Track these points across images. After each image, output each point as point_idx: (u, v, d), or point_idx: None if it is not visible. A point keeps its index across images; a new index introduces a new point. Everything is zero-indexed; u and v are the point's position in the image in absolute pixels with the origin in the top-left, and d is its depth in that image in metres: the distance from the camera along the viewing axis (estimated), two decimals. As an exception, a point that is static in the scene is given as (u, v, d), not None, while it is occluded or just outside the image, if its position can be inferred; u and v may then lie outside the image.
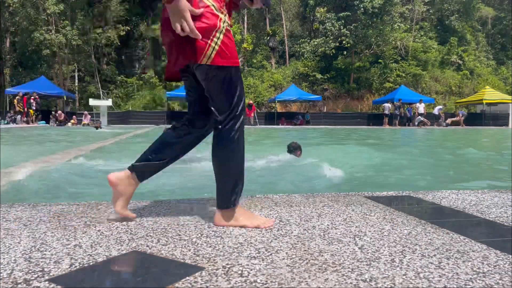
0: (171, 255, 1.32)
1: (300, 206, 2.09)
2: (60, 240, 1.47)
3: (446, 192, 2.56)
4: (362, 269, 1.21)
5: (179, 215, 1.88)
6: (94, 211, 1.93)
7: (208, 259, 1.28)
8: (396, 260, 1.30)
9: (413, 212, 2.02)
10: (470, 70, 33.36)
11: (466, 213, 2.01)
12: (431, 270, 1.22)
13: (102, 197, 2.54)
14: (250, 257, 1.30)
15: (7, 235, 1.53)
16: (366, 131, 18.03)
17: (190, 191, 3.55)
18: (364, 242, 1.48)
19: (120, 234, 1.56)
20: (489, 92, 25.59)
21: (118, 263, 1.26)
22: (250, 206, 2.09)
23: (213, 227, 1.68)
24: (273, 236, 1.55)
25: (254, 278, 1.13)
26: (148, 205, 2.08)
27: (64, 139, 10.52)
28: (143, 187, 3.37)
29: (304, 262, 1.27)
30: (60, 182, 3.79)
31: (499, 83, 32.54)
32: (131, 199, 1.78)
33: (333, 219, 1.84)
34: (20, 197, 3.03)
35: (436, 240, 1.53)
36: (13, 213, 1.89)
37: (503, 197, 2.42)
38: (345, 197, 2.36)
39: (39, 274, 1.14)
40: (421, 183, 4.29)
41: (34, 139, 10.60)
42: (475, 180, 4.57)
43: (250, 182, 4.05)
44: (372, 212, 1.97)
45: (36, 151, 6.92)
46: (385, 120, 23.12)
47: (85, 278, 1.13)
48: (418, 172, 5.19)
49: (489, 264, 1.28)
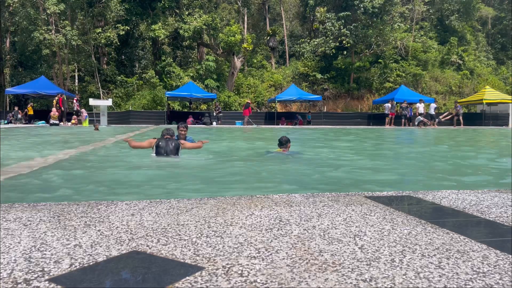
0: (171, 255, 1.32)
1: (300, 206, 2.09)
2: (60, 240, 1.46)
3: (446, 192, 2.56)
4: (362, 269, 1.21)
5: (179, 215, 1.88)
6: (94, 211, 1.93)
7: (208, 259, 1.28)
8: (396, 260, 1.30)
9: (413, 212, 2.02)
10: (470, 70, 33.35)
11: (466, 213, 2.01)
12: (431, 270, 1.22)
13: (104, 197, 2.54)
14: (250, 257, 1.30)
15: (7, 235, 1.52)
16: (365, 130, 18.03)
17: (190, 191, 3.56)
18: (364, 242, 1.48)
19: (120, 234, 1.56)
20: (489, 92, 25.58)
21: (118, 263, 1.26)
22: (250, 206, 2.09)
23: (213, 227, 1.68)
24: (273, 236, 1.55)
25: (254, 278, 1.13)
26: (148, 205, 2.08)
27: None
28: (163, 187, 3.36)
29: (304, 262, 1.27)
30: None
31: (499, 83, 32.52)
32: (131, 199, 1.78)
33: (333, 219, 1.83)
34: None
35: (436, 240, 1.53)
36: (13, 213, 1.89)
37: (503, 197, 2.42)
38: (345, 197, 2.36)
39: (39, 274, 1.14)
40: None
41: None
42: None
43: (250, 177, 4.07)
44: (372, 212, 1.97)
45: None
46: (387, 120, 23.14)
47: (85, 278, 1.13)
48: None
49: (489, 264, 1.28)
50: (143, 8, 27.62)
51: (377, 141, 11.56)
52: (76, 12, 25.82)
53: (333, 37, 28.72)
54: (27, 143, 8.57)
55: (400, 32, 30.67)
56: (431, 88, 31.34)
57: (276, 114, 25.04)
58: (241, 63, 28.33)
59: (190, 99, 24.93)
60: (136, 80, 27.36)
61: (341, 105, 30.27)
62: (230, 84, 27.82)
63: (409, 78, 30.68)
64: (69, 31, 23.86)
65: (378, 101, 27.00)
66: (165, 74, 27.27)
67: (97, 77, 26.49)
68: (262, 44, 34.34)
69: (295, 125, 23.32)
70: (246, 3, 33.10)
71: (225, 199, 2.26)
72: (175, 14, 28.75)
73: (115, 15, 25.86)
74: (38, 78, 23.51)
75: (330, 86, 30.59)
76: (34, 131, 13.77)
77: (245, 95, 28.25)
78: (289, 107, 29.74)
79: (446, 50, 33.65)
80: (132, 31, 28.24)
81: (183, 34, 26.52)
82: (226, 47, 26.61)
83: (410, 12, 34.00)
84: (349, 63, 29.94)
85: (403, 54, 31.68)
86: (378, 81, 30.68)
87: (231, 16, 35.51)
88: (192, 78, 26.70)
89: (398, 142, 11.91)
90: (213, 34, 27.77)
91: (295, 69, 31.51)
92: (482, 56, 36.54)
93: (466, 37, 35.72)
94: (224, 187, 3.71)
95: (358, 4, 27.61)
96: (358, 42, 28.71)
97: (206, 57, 29.36)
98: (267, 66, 32.91)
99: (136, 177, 4.10)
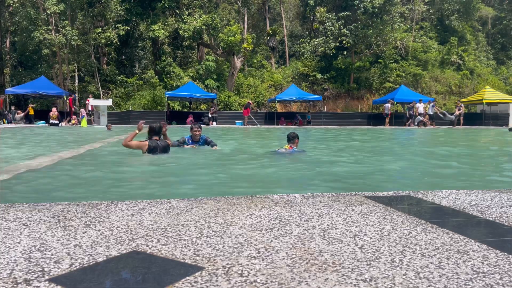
0: (171, 255, 1.32)
1: (300, 206, 2.09)
2: (60, 240, 1.46)
3: (446, 192, 2.56)
4: (362, 269, 1.21)
5: (179, 215, 1.88)
6: (94, 211, 1.93)
7: (208, 259, 1.28)
8: (396, 260, 1.30)
9: (413, 212, 2.02)
10: (470, 70, 33.35)
11: (466, 213, 2.01)
12: (431, 270, 1.22)
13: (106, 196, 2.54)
14: (250, 257, 1.30)
15: (7, 235, 1.52)
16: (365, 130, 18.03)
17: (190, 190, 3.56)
18: (364, 242, 1.48)
19: (120, 234, 1.56)
20: (489, 92, 25.57)
21: (118, 263, 1.26)
22: (250, 206, 2.09)
23: (213, 227, 1.68)
24: (273, 236, 1.55)
25: (254, 278, 1.13)
26: (148, 205, 2.08)
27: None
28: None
29: (304, 262, 1.27)
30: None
31: (499, 83, 32.52)
32: (131, 199, 1.79)
33: (333, 219, 1.83)
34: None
35: (436, 240, 1.53)
36: (13, 213, 1.89)
37: (503, 197, 2.42)
38: (345, 197, 2.36)
39: (39, 274, 1.14)
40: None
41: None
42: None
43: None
44: (372, 212, 1.97)
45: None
46: (387, 120, 23.15)
47: (85, 278, 1.13)
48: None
49: (489, 264, 1.28)
50: (143, 8, 27.62)
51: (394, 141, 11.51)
52: (76, 12, 25.81)
53: (333, 37, 28.71)
54: (48, 144, 8.54)
55: (400, 32, 30.67)
56: (431, 88, 31.34)
57: (276, 114, 25.04)
58: (241, 63, 28.32)
59: (190, 99, 24.93)
60: (136, 80, 27.35)
61: (341, 105, 30.27)
62: (230, 84, 27.82)
63: (409, 78, 30.69)
64: (69, 31, 23.86)
65: (378, 101, 27.01)
66: (165, 74, 27.26)
67: (97, 77, 26.49)
68: (262, 44, 34.34)
69: (295, 125, 23.33)
70: (246, 3, 33.09)
71: (225, 199, 2.26)
72: (175, 14, 28.74)
73: (115, 15, 25.86)
74: (38, 78, 23.50)
75: (330, 86, 30.59)
76: (47, 131, 13.76)
77: (245, 95, 28.24)
78: (289, 107, 29.74)
79: (446, 50, 33.65)
80: (132, 31, 28.23)
81: (183, 34, 26.51)
82: (226, 47, 26.60)
83: (410, 12, 34.01)
84: (349, 63, 29.94)
85: (403, 54, 31.68)
86: (378, 81, 30.69)
87: (231, 16, 35.51)
88: (192, 78, 26.69)
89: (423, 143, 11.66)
90: (213, 34, 27.76)
91: (295, 69, 31.51)
92: (482, 56, 36.55)
93: (466, 37, 35.72)
94: (224, 188, 3.72)
95: (358, 4, 27.60)
96: (358, 42, 28.70)
97: (206, 57, 29.35)
98: (267, 66, 32.91)
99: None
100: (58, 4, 23.16)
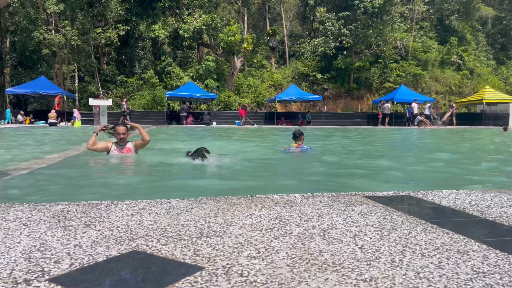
0: (171, 255, 1.32)
1: (300, 206, 2.09)
2: (60, 240, 1.46)
3: (446, 192, 2.56)
4: (362, 269, 1.21)
5: (179, 215, 1.88)
6: (94, 211, 1.93)
7: (208, 259, 1.28)
8: (396, 260, 1.30)
9: (413, 212, 2.02)
10: (470, 70, 33.34)
11: (466, 213, 2.01)
12: (431, 270, 1.22)
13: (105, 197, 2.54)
14: (250, 257, 1.30)
15: (7, 235, 1.52)
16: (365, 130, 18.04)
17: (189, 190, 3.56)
18: (364, 242, 1.48)
19: (120, 234, 1.56)
20: (489, 92, 25.57)
21: (118, 263, 1.26)
22: (250, 205, 2.09)
23: (213, 227, 1.68)
24: (273, 236, 1.55)
25: (254, 278, 1.13)
26: (148, 205, 2.08)
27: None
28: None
29: (304, 262, 1.27)
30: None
31: (499, 83, 32.51)
32: (130, 199, 1.78)
33: (333, 219, 1.83)
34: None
35: (436, 240, 1.53)
36: (13, 213, 1.89)
37: (503, 197, 2.42)
38: (345, 197, 2.36)
39: (39, 274, 1.14)
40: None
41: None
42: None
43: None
44: (372, 212, 1.97)
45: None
46: (387, 120, 23.15)
47: (85, 278, 1.13)
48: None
49: (489, 264, 1.28)
50: (143, 8, 27.61)
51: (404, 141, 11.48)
52: (76, 12, 25.81)
53: (333, 37, 28.70)
54: (62, 142, 8.55)
55: (400, 32, 30.66)
56: (431, 88, 31.34)
57: (276, 114, 25.03)
58: (241, 63, 28.32)
59: (190, 99, 24.92)
60: (136, 80, 27.35)
61: (341, 105, 30.27)
62: (230, 84, 27.81)
63: (409, 78, 30.68)
64: (69, 31, 23.85)
65: (378, 101, 27.02)
66: (165, 74, 27.26)
67: (97, 77, 26.49)
68: (262, 44, 34.33)
69: (297, 124, 23.32)
70: (246, 3, 33.09)
71: (225, 199, 2.26)
72: (175, 14, 28.74)
73: (115, 15, 25.86)
74: (38, 78, 23.50)
75: (330, 86, 30.58)
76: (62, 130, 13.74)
77: (245, 95, 28.24)
78: (289, 107, 29.73)
79: (446, 50, 33.65)
80: (132, 31, 28.23)
81: (183, 34, 26.50)
82: (226, 47, 26.59)
83: (410, 12, 34.01)
84: (349, 63, 29.94)
85: (403, 54, 31.67)
86: (378, 81, 30.68)
87: (231, 16, 35.50)
88: (192, 78, 26.69)
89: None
90: (213, 34, 27.75)
91: (295, 69, 31.50)
92: (482, 56, 36.54)
93: (466, 37, 35.72)
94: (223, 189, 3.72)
95: (358, 4, 27.60)
96: (358, 42, 28.70)
97: (206, 57, 29.35)
98: (267, 66, 32.90)
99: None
100: (58, 4, 23.16)
